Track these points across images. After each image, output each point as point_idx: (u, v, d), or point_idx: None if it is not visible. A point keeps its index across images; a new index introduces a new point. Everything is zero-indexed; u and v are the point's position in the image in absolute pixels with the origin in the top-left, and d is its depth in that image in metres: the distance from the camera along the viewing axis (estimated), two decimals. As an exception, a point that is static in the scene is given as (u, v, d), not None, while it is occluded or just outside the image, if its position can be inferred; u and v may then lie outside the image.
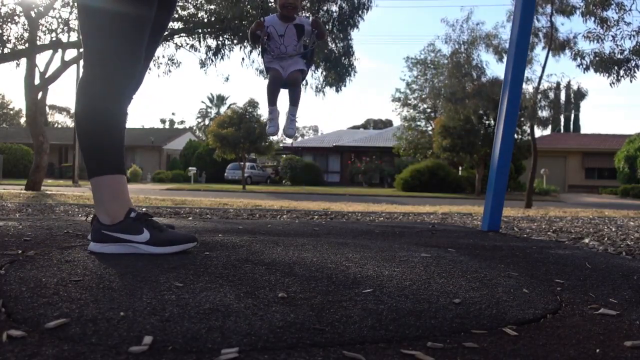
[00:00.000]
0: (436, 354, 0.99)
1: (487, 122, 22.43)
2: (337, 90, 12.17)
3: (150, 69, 12.68)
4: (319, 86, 12.10)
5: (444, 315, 1.22)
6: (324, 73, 11.95)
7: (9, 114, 55.84)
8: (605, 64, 10.00)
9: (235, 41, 11.86)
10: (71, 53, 13.89)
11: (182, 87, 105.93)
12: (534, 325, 1.22)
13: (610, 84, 10.03)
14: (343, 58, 11.77)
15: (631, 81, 9.92)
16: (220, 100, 59.63)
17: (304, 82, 3.27)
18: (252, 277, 1.51)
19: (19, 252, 1.77)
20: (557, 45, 11.48)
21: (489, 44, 13.09)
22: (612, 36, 10.01)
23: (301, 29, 2.84)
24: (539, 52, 12.34)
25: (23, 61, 12.33)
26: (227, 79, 20.21)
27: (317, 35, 2.85)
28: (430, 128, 27.76)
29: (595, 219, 5.50)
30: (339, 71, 11.77)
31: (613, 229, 4.14)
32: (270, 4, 11.07)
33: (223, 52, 12.17)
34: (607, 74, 10.04)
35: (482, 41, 13.20)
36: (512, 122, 3.47)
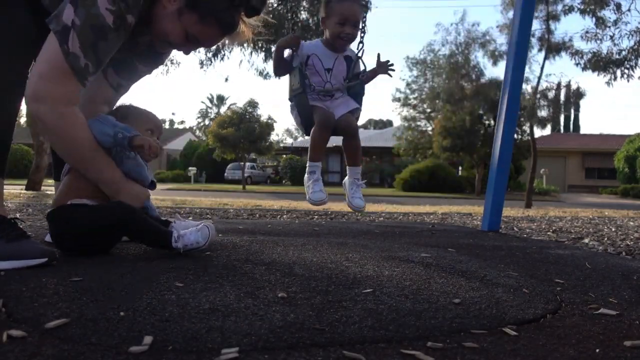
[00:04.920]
0: (436, 354, 0.99)
1: (487, 122, 22.41)
2: None
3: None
4: None
5: (444, 315, 1.22)
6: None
7: (8, 114, 55.79)
8: (605, 64, 10.01)
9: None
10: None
11: (182, 87, 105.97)
12: (534, 325, 1.22)
13: (606, 83, 10.07)
14: None
15: (628, 81, 9.95)
16: (220, 100, 59.61)
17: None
18: (252, 277, 1.51)
19: (19, 252, 1.76)
20: (552, 47, 11.49)
21: (485, 46, 13.11)
22: (610, 36, 10.02)
23: (350, 61, 2.32)
24: (535, 53, 12.36)
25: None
26: (227, 79, 20.16)
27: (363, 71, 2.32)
28: (430, 128, 27.73)
29: (595, 219, 5.50)
30: None
31: (613, 229, 4.14)
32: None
33: (223, 52, 12.16)
34: (604, 73, 10.05)
35: (479, 41, 13.21)
36: (512, 122, 3.48)
